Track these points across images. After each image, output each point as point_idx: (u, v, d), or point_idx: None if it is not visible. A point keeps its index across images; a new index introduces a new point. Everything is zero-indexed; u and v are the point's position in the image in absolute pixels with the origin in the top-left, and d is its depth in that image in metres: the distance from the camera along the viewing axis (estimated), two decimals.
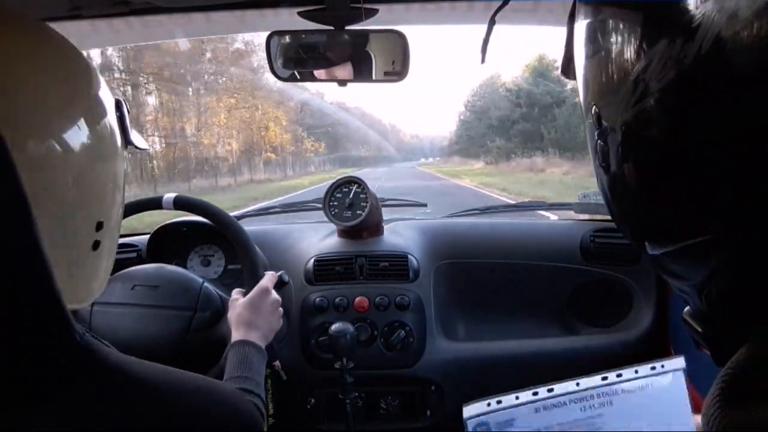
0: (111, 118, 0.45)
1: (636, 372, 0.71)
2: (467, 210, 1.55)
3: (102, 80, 0.45)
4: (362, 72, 0.95)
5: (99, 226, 0.43)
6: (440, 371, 1.18)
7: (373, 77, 0.95)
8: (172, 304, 0.92)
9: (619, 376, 0.71)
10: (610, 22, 0.29)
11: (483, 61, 0.49)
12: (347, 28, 0.88)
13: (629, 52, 0.27)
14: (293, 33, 0.93)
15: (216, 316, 0.94)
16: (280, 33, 0.93)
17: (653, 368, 0.71)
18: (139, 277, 0.96)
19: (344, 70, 0.95)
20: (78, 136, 0.41)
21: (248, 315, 0.85)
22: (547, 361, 1.22)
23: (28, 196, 0.32)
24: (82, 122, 0.41)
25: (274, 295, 0.91)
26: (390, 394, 1.19)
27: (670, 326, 1.22)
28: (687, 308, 0.34)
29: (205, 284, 0.97)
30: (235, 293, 0.91)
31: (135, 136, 0.50)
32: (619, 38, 0.28)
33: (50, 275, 0.33)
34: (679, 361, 0.71)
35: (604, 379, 0.71)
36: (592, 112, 0.32)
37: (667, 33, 0.24)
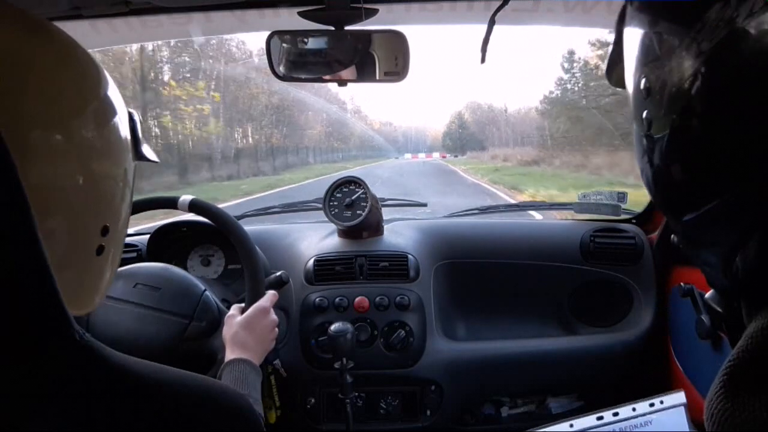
0: (121, 120, 0.45)
1: (634, 410, 0.66)
2: (467, 210, 1.55)
3: (111, 82, 0.45)
4: (362, 72, 0.95)
5: (105, 230, 0.43)
6: (440, 371, 1.18)
7: (374, 77, 0.95)
8: (170, 308, 0.92)
9: (615, 414, 0.65)
10: (665, 31, 0.31)
11: (483, 60, 0.49)
12: (347, 28, 0.88)
13: (685, 59, 0.28)
14: (293, 33, 0.93)
15: (211, 328, 0.93)
16: (280, 33, 0.93)
17: (652, 405, 0.66)
18: (143, 276, 0.95)
19: (344, 71, 0.95)
20: (87, 136, 0.41)
21: (244, 335, 0.85)
22: (547, 361, 1.22)
23: (36, 191, 0.31)
24: (91, 122, 0.41)
25: (272, 315, 0.91)
26: (390, 394, 1.19)
27: (670, 326, 1.22)
28: (710, 292, 0.35)
29: (206, 293, 0.96)
30: (234, 309, 0.91)
31: (146, 149, 0.50)
32: (673, 44, 0.30)
33: (49, 273, 0.33)
34: (680, 396, 0.67)
35: (600, 418, 0.65)
36: (642, 114, 0.33)
37: (714, 28, 0.26)
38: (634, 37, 0.34)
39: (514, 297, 1.31)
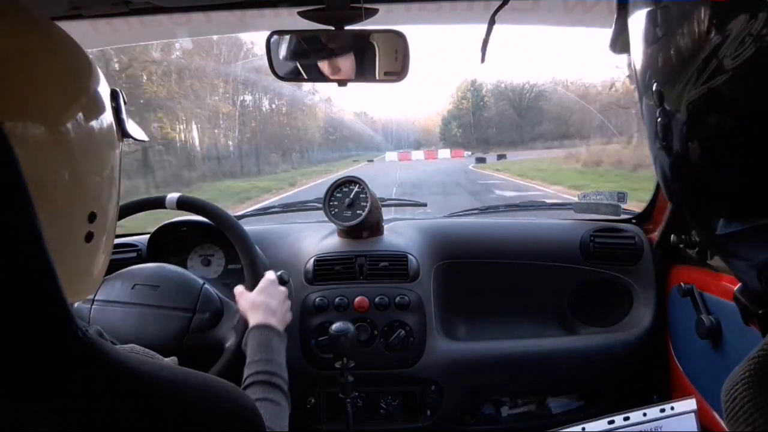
0: (108, 113, 0.45)
1: (644, 415, 0.68)
2: (467, 210, 1.55)
3: (101, 75, 0.45)
4: (362, 72, 0.95)
5: (92, 217, 0.43)
6: (440, 371, 1.18)
7: (374, 77, 0.95)
8: (172, 304, 0.93)
9: (626, 419, 0.67)
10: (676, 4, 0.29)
11: (483, 60, 0.49)
12: (347, 28, 0.88)
13: (699, 31, 0.26)
14: (293, 33, 0.93)
15: (215, 318, 0.94)
16: (280, 33, 0.93)
17: (662, 410, 0.68)
18: (140, 276, 0.96)
19: (344, 70, 0.95)
20: (76, 127, 0.41)
21: (265, 300, 0.87)
22: (547, 361, 1.22)
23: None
24: (80, 115, 0.42)
25: (282, 287, 0.94)
26: (390, 393, 1.19)
27: (670, 326, 1.22)
28: (739, 286, 0.34)
29: (205, 286, 0.97)
30: (239, 288, 0.93)
31: (132, 127, 0.50)
32: (689, 17, 0.27)
33: (51, 268, 0.33)
34: (690, 403, 0.68)
35: (611, 422, 0.67)
36: (653, 91, 0.31)
37: (747, 8, 0.24)
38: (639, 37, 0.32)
39: (514, 297, 1.31)
